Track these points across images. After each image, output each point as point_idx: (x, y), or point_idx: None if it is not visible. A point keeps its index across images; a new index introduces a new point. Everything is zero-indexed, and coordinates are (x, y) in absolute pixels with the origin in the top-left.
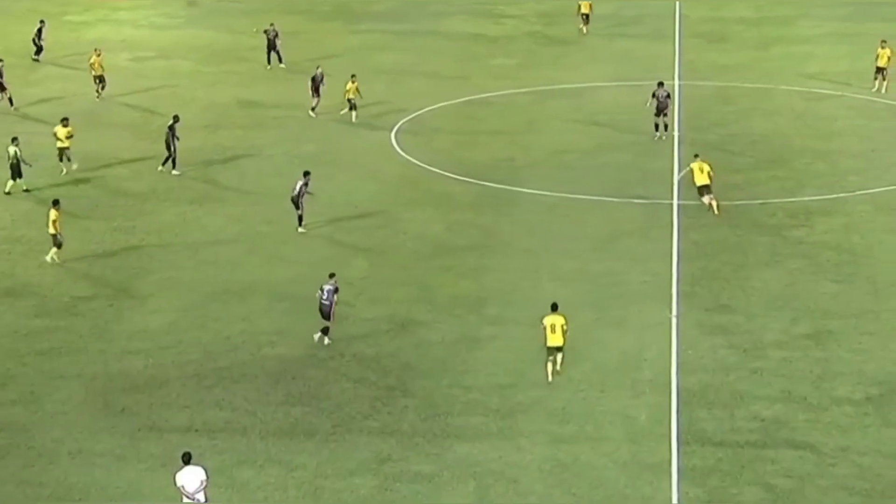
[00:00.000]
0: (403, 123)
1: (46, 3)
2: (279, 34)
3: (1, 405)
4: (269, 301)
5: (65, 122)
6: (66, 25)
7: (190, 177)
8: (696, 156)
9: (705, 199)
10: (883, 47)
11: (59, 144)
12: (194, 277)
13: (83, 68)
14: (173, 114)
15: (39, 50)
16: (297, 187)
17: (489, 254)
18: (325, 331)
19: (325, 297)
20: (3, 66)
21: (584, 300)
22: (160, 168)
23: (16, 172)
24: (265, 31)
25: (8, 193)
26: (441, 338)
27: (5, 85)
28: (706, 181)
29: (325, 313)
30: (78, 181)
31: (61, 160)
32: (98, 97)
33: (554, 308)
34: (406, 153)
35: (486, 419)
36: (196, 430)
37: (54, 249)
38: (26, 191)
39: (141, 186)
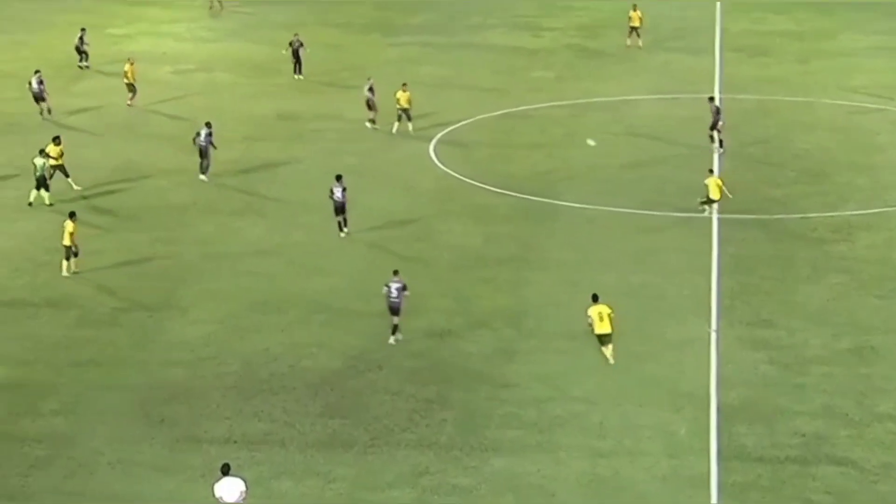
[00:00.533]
0: (442, 136)
1: (90, 16)
2: (303, 45)
3: (42, 415)
4: (308, 312)
5: (56, 140)
6: (109, 38)
7: (229, 188)
8: (711, 171)
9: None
10: None
11: (52, 163)
12: (233, 288)
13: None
14: (205, 121)
15: (84, 56)
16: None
17: (527, 266)
18: (395, 327)
19: (394, 295)
20: (41, 76)
21: (622, 314)
22: (201, 177)
23: (41, 184)
24: (290, 43)
25: (30, 204)
26: (479, 350)
27: (45, 96)
28: (718, 196)
29: (395, 310)
30: (118, 192)
31: (49, 178)
32: (130, 105)
33: (595, 299)
34: (444, 165)
35: (524, 432)
36: (235, 442)
37: (70, 261)
38: (49, 205)
39: (181, 197)
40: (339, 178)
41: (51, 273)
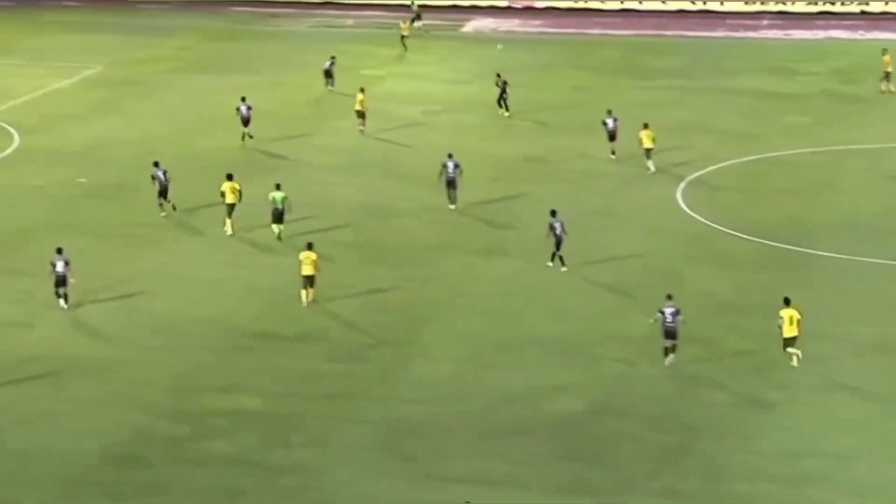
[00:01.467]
0: (690, 179)
1: (343, 57)
2: (508, 84)
3: (291, 447)
4: (548, 354)
5: (230, 177)
6: (361, 79)
7: (474, 227)
8: None
9: None
10: None
11: (229, 200)
12: (476, 327)
13: (377, 118)
14: (447, 152)
15: (330, 80)
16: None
17: (776, 316)
18: (669, 350)
19: (669, 320)
20: (249, 103)
21: (878, 369)
22: (451, 207)
23: (277, 218)
24: (496, 83)
25: (279, 238)
26: (726, 399)
27: (250, 119)
28: None
29: (672, 334)
30: (367, 229)
31: (229, 215)
32: (361, 131)
33: (787, 302)
34: (691, 209)
35: (773, 487)
36: (476, 481)
37: (308, 290)
38: (279, 238)
39: (427, 235)
40: (553, 212)
41: (301, 307)
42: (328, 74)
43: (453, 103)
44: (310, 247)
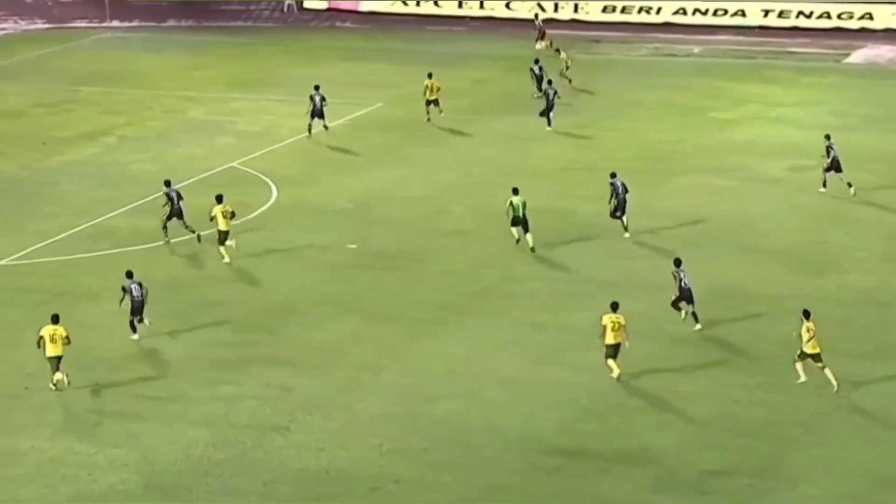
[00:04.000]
0: None
1: (687, 95)
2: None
3: None
4: None
5: (219, 198)
6: (712, 123)
7: (849, 324)
8: None
9: None
10: None
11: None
12: (860, 458)
13: (730, 176)
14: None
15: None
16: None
17: None
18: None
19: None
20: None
21: None
22: None
23: (519, 223)
24: (827, 147)
25: (517, 242)
26: None
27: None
28: None
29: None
30: (713, 319)
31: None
32: (427, 120)
33: (806, 315)
34: None
35: None
36: None
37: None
38: (532, 249)
39: (782, 331)
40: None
41: (624, 418)
42: (317, 113)
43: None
44: (615, 308)
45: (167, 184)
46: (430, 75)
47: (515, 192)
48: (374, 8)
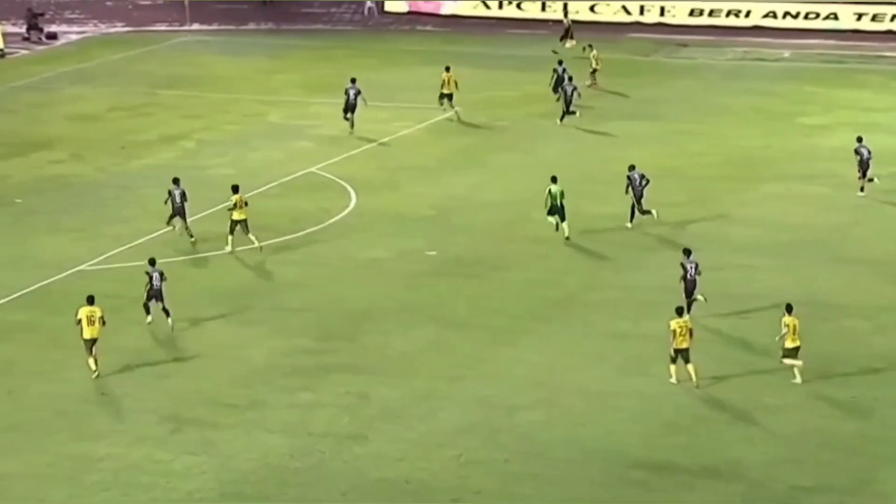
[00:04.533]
0: None
1: (775, 100)
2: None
3: None
4: None
5: (235, 189)
6: (801, 129)
7: None
8: None
9: None
10: None
11: (236, 216)
12: None
13: (820, 182)
14: None
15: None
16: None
17: None
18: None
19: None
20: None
21: None
22: None
23: (554, 211)
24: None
25: (557, 229)
26: None
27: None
28: None
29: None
30: (802, 331)
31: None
32: (442, 106)
33: (789, 310)
34: None
35: None
36: None
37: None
38: (566, 238)
39: (887, 345)
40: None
41: (710, 432)
42: (351, 108)
43: None
44: (680, 312)
45: (175, 181)
46: (447, 69)
47: (554, 180)
48: (456, 11)
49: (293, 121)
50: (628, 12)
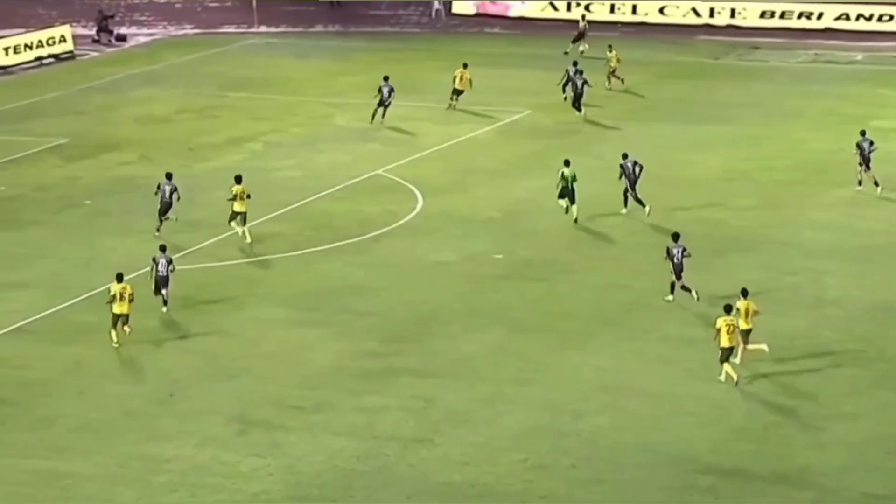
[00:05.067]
0: None
1: (847, 103)
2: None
3: None
4: None
5: (238, 179)
6: (874, 133)
7: None
8: None
9: None
10: None
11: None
12: None
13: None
14: None
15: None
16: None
17: None
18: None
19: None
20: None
21: None
22: None
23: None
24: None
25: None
26: None
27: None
28: None
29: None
30: (875, 339)
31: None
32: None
33: (744, 294)
34: None
35: None
36: None
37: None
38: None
39: None
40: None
41: (781, 438)
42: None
43: None
44: (728, 310)
45: (168, 176)
46: (464, 66)
47: (567, 163)
48: (524, 13)
49: (359, 123)
50: (698, 14)
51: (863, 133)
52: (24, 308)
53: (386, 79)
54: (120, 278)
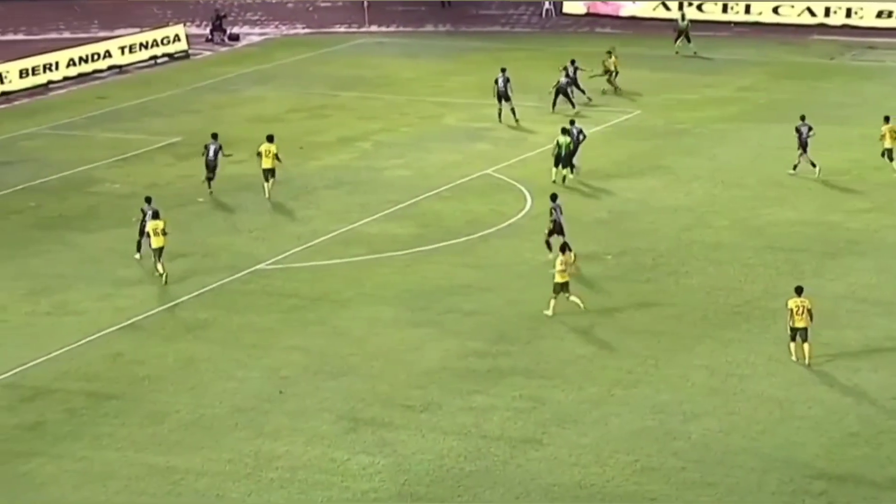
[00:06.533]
0: None
1: None
2: None
3: None
4: None
5: (270, 138)
6: None
7: None
8: None
9: None
10: None
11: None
12: None
13: None
14: None
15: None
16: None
17: None
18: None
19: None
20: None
21: None
22: None
23: (562, 162)
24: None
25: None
26: None
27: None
28: None
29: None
30: None
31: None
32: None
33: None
34: None
35: None
36: None
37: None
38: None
39: None
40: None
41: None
42: (501, 96)
43: None
44: (799, 292)
45: (213, 136)
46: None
47: (564, 132)
48: (635, 12)
49: (469, 123)
50: (813, 14)
51: (802, 118)
52: (137, 304)
53: (503, 70)
54: (156, 215)
